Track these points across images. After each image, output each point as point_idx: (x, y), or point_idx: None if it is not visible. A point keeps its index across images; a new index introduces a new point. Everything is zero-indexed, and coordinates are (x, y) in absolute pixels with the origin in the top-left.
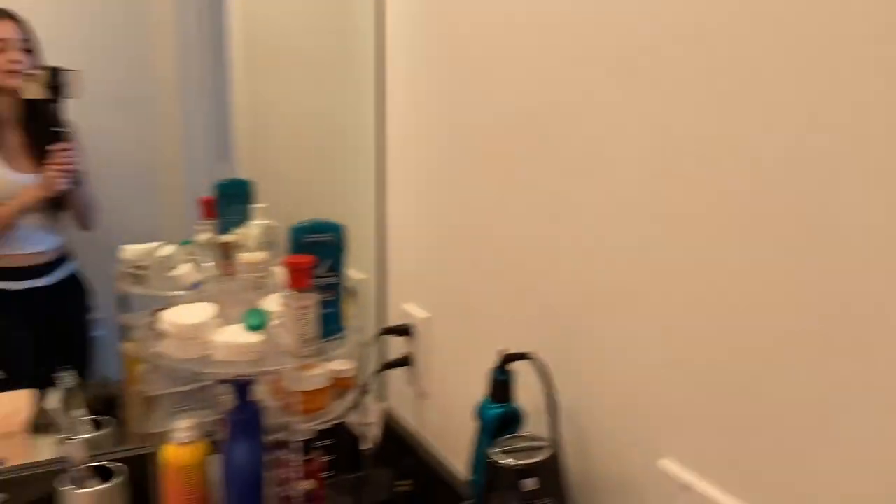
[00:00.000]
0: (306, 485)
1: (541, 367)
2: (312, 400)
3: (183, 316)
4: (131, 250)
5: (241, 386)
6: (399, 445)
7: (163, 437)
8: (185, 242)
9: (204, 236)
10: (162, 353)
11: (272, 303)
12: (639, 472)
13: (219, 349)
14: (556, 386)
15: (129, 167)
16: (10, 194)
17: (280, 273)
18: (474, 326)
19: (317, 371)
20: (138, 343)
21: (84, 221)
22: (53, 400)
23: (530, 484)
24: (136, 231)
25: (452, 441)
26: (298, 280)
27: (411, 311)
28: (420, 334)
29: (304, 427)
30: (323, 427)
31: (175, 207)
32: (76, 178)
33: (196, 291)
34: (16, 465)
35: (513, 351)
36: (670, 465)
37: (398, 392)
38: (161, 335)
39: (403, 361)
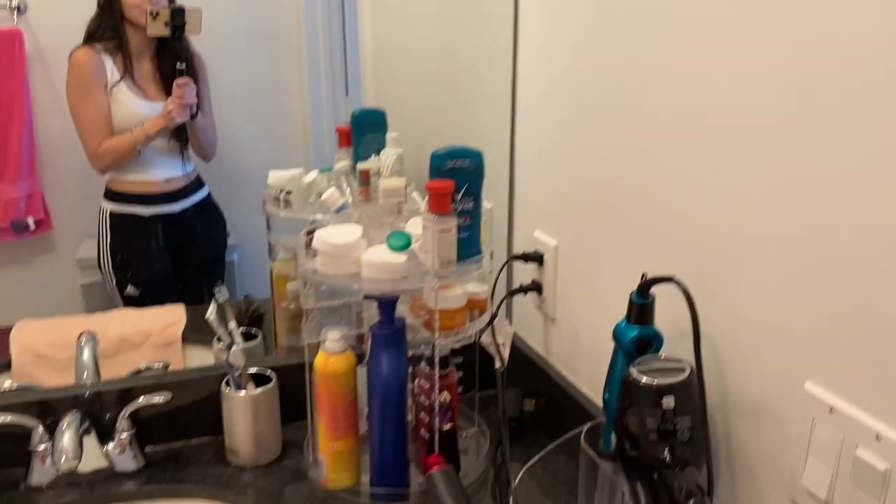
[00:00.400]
0: (443, 396)
1: (684, 289)
2: (450, 318)
3: (334, 236)
4: (277, 176)
5: (386, 303)
6: (525, 366)
7: (312, 349)
8: (325, 170)
9: (341, 164)
10: (316, 269)
11: (413, 226)
12: (781, 394)
13: (367, 267)
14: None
15: (255, 100)
16: (139, 121)
17: (415, 198)
18: (603, 255)
19: (455, 291)
20: (287, 262)
21: (203, 152)
22: (210, 312)
23: (668, 402)
24: (264, 160)
25: (577, 364)
26: (439, 204)
27: (541, 238)
28: (549, 261)
29: (442, 343)
30: (458, 345)
31: (298, 138)
32: (194, 112)
33: (341, 214)
34: (178, 370)
35: (650, 276)
36: (816, 388)
37: (524, 317)
38: (315, 253)
39: (533, 287)
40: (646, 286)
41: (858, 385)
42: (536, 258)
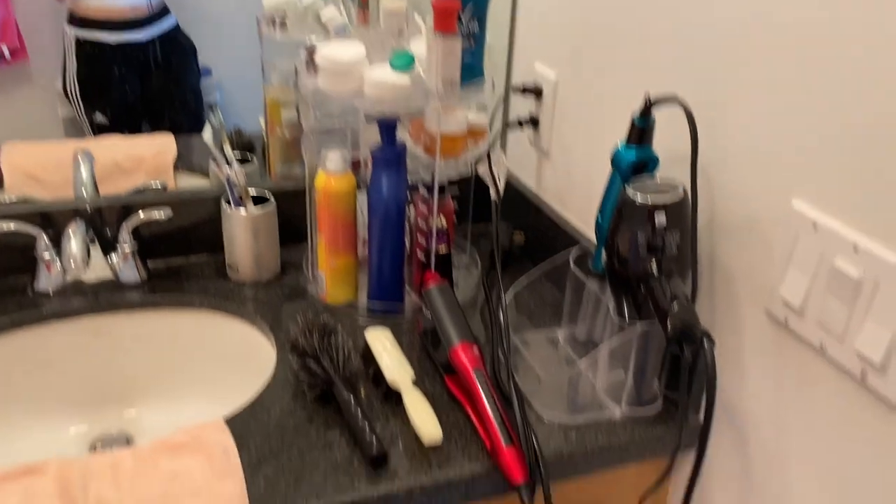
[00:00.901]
0: (440, 221)
1: (685, 107)
2: (451, 144)
3: (338, 52)
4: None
5: (387, 125)
6: (517, 201)
7: (311, 172)
8: None
9: None
10: (319, 88)
11: (416, 46)
12: (769, 212)
13: (369, 86)
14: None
15: None
16: None
17: (417, 21)
18: (600, 90)
19: (457, 116)
20: (282, 89)
21: None
22: (207, 133)
23: (660, 219)
24: None
25: (568, 198)
26: (445, 23)
27: (541, 70)
28: (547, 95)
29: (441, 169)
30: (456, 175)
31: None
32: None
33: (341, 36)
34: (176, 190)
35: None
36: (802, 205)
37: (518, 153)
38: (317, 70)
39: (529, 121)
40: (648, 107)
41: (842, 201)
42: (535, 91)
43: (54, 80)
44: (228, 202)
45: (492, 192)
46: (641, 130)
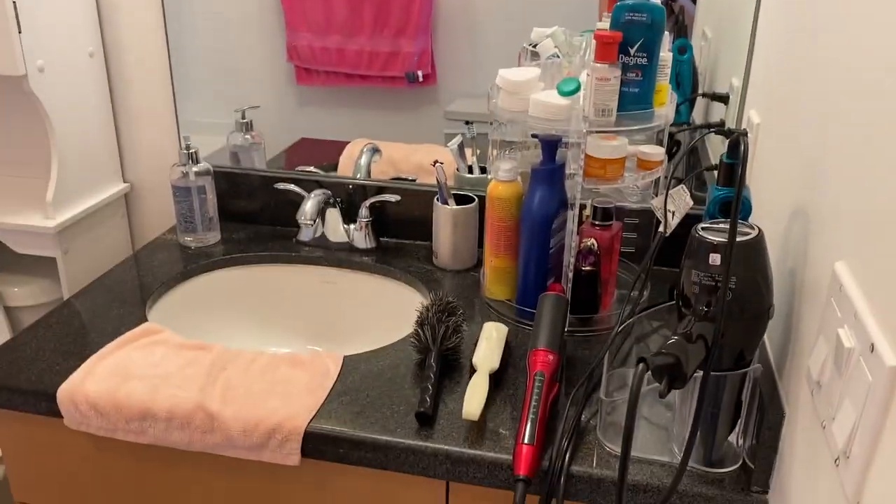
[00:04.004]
0: (589, 242)
1: (744, 144)
2: (601, 167)
3: (513, 74)
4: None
5: (548, 142)
6: None
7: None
8: (587, 31)
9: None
10: (496, 104)
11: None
12: (816, 272)
13: (533, 106)
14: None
15: None
16: None
17: None
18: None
19: (611, 142)
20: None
21: None
22: (454, 143)
23: (714, 258)
24: None
25: None
26: (603, 53)
27: (751, 116)
28: (749, 140)
29: (597, 190)
30: (636, 205)
31: None
32: None
33: (549, 63)
34: (413, 181)
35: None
36: (842, 268)
37: None
38: (498, 89)
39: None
40: (735, 144)
41: (874, 272)
42: (732, 135)
43: (449, 104)
44: (439, 198)
45: (661, 226)
46: (728, 168)
